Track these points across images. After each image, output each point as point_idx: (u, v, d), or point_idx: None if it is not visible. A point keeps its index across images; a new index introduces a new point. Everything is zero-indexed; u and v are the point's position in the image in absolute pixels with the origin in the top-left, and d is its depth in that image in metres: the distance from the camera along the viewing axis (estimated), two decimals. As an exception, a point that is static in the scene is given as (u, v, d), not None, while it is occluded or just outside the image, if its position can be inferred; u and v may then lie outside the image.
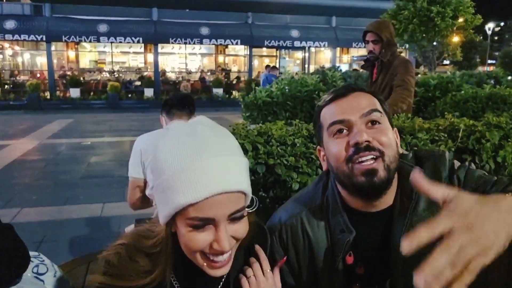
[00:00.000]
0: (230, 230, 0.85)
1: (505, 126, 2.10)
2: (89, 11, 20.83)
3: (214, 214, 0.82)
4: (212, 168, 0.80)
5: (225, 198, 0.81)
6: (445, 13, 11.44)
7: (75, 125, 12.89)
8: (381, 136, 1.01)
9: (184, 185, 0.79)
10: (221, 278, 1.00)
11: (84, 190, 6.01)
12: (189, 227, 0.84)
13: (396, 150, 1.04)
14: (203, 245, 0.85)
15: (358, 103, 1.05)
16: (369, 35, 3.35)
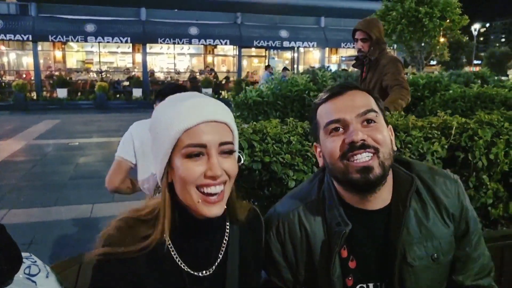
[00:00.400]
0: (222, 163, 0.95)
1: (496, 123, 2.12)
2: (76, 11, 20.62)
3: (206, 140, 0.93)
4: (202, 103, 0.96)
5: (214, 126, 0.95)
6: (432, 13, 11.55)
7: (63, 125, 12.73)
8: (376, 134, 1.04)
9: (178, 117, 0.93)
10: (217, 247, 1.07)
11: (73, 191, 5.94)
12: (185, 158, 0.94)
13: (390, 147, 1.08)
14: (197, 173, 0.93)
15: (353, 102, 1.07)
16: (358, 33, 3.37)
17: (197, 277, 1.03)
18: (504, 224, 2.32)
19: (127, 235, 0.98)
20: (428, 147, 1.94)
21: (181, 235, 1.02)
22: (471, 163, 1.98)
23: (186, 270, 1.02)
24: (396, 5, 12.31)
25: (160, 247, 0.99)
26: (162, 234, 0.98)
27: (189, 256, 1.03)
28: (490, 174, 2.03)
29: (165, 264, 1.01)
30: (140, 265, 0.98)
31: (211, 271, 1.04)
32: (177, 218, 1.01)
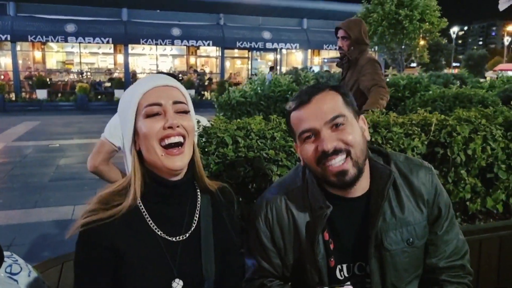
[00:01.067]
0: (177, 119, 1.08)
1: (474, 120, 2.18)
2: (56, 11, 20.27)
3: (161, 98, 1.08)
4: (157, 75, 1.15)
5: (166, 89, 1.10)
6: (412, 16, 11.76)
7: (43, 127, 12.51)
8: (346, 137, 1.11)
9: (138, 85, 1.12)
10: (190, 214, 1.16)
11: (54, 193, 5.84)
12: (146, 118, 1.07)
13: (362, 142, 1.15)
14: (157, 127, 1.06)
15: (321, 109, 1.13)
16: (340, 31, 3.46)
17: (172, 242, 1.11)
18: (482, 218, 2.38)
19: (102, 208, 1.07)
20: (408, 143, 1.98)
21: (153, 200, 1.12)
22: (450, 159, 2.03)
23: (160, 235, 1.10)
24: (377, 8, 12.49)
25: (134, 213, 1.09)
26: (134, 199, 1.08)
27: (163, 221, 1.11)
28: (468, 169, 2.09)
29: (140, 228, 1.09)
30: (117, 230, 1.06)
31: (185, 236, 1.12)
32: (148, 184, 1.11)
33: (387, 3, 12.26)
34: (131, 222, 1.08)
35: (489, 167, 2.17)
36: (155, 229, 1.10)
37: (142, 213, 1.10)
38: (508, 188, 2.17)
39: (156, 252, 1.08)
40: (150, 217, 1.11)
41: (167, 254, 1.09)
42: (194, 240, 1.14)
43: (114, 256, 1.06)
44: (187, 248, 1.12)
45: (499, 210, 2.23)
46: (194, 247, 1.13)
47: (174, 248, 1.11)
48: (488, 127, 2.15)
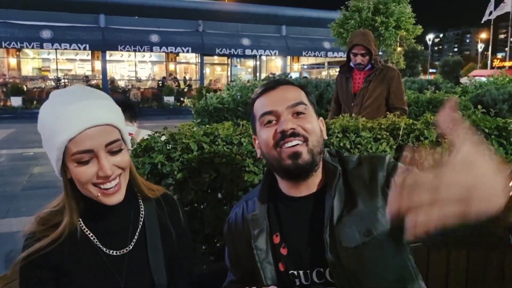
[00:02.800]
0: (112, 161, 1.01)
1: (442, 124, 2.21)
2: (31, 17, 19.91)
3: (91, 145, 0.97)
4: (84, 108, 0.97)
5: (97, 131, 0.98)
6: (388, 23, 11.97)
7: (17, 135, 12.20)
8: (305, 124, 1.13)
9: (61, 126, 0.95)
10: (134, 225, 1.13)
11: (26, 202, 5.68)
12: (75, 163, 0.99)
13: (320, 135, 1.17)
14: (90, 175, 0.99)
15: (285, 96, 1.17)
16: (357, 48, 3.40)
17: (116, 256, 1.09)
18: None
19: (41, 230, 1.05)
20: (377, 147, 1.99)
21: (93, 218, 1.09)
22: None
23: (103, 250, 1.08)
24: (354, 15, 12.66)
25: (76, 231, 1.06)
26: (70, 221, 1.04)
27: (105, 236, 1.09)
28: (436, 173, 2.11)
29: (83, 246, 1.07)
30: (59, 251, 1.03)
31: (129, 248, 1.10)
32: (85, 205, 1.08)
33: (364, 10, 12.45)
34: (73, 241, 1.06)
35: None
36: (98, 245, 1.08)
37: (84, 231, 1.08)
38: (475, 191, 2.20)
39: (101, 269, 1.07)
40: (93, 233, 1.09)
41: (113, 268, 1.08)
42: (140, 249, 1.12)
43: (57, 275, 1.05)
44: (134, 259, 1.11)
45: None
46: (141, 257, 1.11)
47: (119, 261, 1.09)
48: (455, 131, 2.18)
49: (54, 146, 0.98)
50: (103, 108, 1.01)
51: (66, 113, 0.96)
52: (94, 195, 1.02)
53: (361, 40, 3.36)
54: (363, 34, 3.45)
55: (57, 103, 1.00)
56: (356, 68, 3.51)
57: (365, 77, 3.49)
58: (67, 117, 0.96)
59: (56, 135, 0.96)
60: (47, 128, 0.99)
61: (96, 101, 1.00)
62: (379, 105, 3.45)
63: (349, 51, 3.50)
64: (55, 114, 0.97)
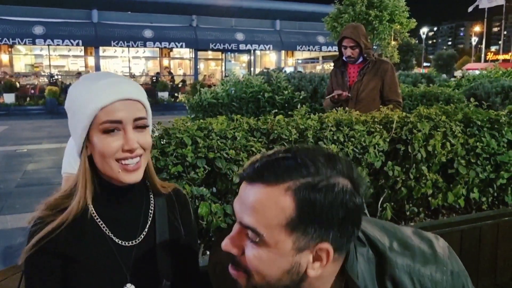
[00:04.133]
0: (137, 137, 1.02)
1: (434, 117, 2.22)
2: (23, 12, 19.74)
3: (121, 116, 1.00)
4: (116, 82, 1.02)
5: (128, 104, 1.01)
6: (382, 16, 11.98)
7: (10, 132, 12.12)
8: (250, 259, 0.80)
9: (94, 96, 0.99)
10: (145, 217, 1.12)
11: (20, 199, 5.66)
12: (103, 134, 1.00)
13: (274, 278, 0.80)
14: (115, 147, 1.00)
15: (246, 205, 0.79)
16: (346, 40, 3.41)
17: (124, 247, 1.08)
18: (445, 213, 2.43)
19: (49, 214, 1.03)
20: (370, 140, 2.00)
21: (104, 204, 1.08)
22: (411, 155, 2.06)
23: (113, 239, 1.07)
24: (348, 8, 12.66)
25: (86, 217, 1.04)
26: (82, 203, 1.03)
27: (116, 225, 1.08)
28: (429, 165, 2.13)
29: (92, 233, 1.05)
30: (67, 236, 1.02)
31: (139, 240, 1.09)
32: (98, 187, 1.07)
33: (357, 4, 12.44)
34: (82, 227, 1.04)
35: (450, 163, 2.22)
36: (108, 233, 1.07)
37: (94, 217, 1.07)
38: (468, 183, 2.22)
39: (108, 257, 1.06)
40: (103, 221, 1.07)
41: (120, 258, 1.07)
42: (148, 243, 1.11)
43: (64, 262, 1.03)
44: (141, 251, 1.10)
45: (460, 205, 2.28)
46: (149, 250, 1.11)
47: (127, 252, 1.08)
48: (448, 123, 2.20)
49: (85, 115, 0.99)
50: (134, 85, 1.06)
51: (99, 85, 1.01)
52: (115, 171, 1.02)
53: (350, 33, 3.38)
54: (353, 27, 3.47)
55: (88, 80, 1.04)
56: (347, 61, 3.52)
57: (359, 70, 3.51)
58: (101, 88, 1.00)
59: (88, 104, 0.99)
60: (78, 101, 1.01)
61: (126, 80, 1.07)
62: (374, 98, 3.47)
63: (339, 44, 3.51)
64: (87, 88, 1.02)
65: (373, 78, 3.46)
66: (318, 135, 1.97)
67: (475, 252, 2.12)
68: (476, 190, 2.26)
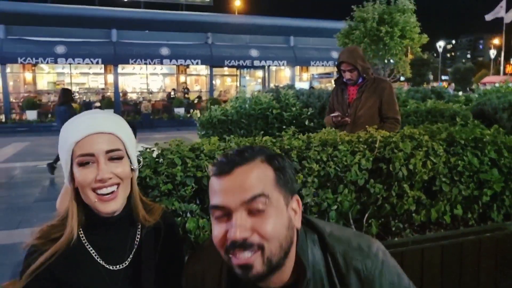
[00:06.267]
0: (111, 167, 1.11)
1: (418, 136, 2.33)
2: (46, 32, 20.52)
3: (93, 149, 1.09)
4: (92, 118, 1.13)
5: (100, 137, 1.11)
6: (393, 32, 12.05)
7: (31, 148, 12.55)
8: (263, 227, 0.92)
9: (71, 131, 1.11)
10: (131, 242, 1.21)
11: (38, 213, 5.90)
12: (79, 166, 1.10)
13: (284, 236, 0.95)
14: (90, 178, 1.10)
15: (240, 186, 0.93)
16: (344, 65, 3.59)
17: (113, 271, 1.17)
18: (433, 229, 2.52)
19: (42, 243, 1.12)
20: (351, 159, 2.12)
21: (93, 231, 1.17)
22: (392, 174, 2.17)
23: (102, 263, 1.16)
24: (359, 25, 12.77)
25: (76, 243, 1.13)
26: (71, 233, 1.12)
27: (104, 251, 1.17)
28: (411, 183, 2.23)
29: (82, 258, 1.15)
30: (59, 262, 1.11)
31: (126, 264, 1.19)
32: (86, 217, 1.16)
33: (368, 21, 12.55)
34: (74, 253, 1.13)
35: (433, 181, 2.32)
36: (97, 258, 1.16)
37: (84, 244, 1.16)
38: (451, 200, 2.31)
39: (98, 281, 1.15)
40: (92, 247, 1.16)
41: (109, 282, 1.16)
42: (135, 267, 1.19)
43: (58, 286, 1.12)
44: (128, 275, 1.18)
45: (446, 221, 2.37)
46: (135, 275, 1.19)
47: (116, 275, 1.17)
48: (430, 142, 2.30)
49: (65, 149, 1.11)
50: (108, 119, 1.15)
51: (76, 122, 1.13)
52: (91, 200, 1.11)
53: (347, 58, 3.54)
54: (349, 52, 3.63)
55: (73, 118, 1.17)
56: (347, 82, 3.67)
57: (358, 89, 3.65)
58: (76, 124, 1.12)
59: (66, 140, 1.11)
60: (62, 137, 1.14)
61: (103, 115, 1.16)
62: (372, 115, 3.59)
63: (338, 67, 3.68)
64: (68, 125, 1.15)
65: (372, 96, 3.60)
66: (304, 155, 2.10)
67: (457, 267, 2.20)
68: (460, 206, 2.34)
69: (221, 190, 0.94)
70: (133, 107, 21.84)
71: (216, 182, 0.96)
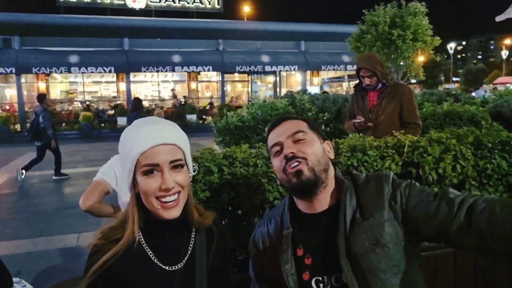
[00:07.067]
0: (174, 177, 1.17)
1: (445, 140, 2.35)
2: (59, 43, 20.87)
3: (158, 160, 1.15)
4: (155, 129, 1.18)
5: (164, 148, 1.17)
6: (405, 35, 12.04)
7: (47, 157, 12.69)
8: (304, 148, 1.31)
9: (136, 142, 1.16)
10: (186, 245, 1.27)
11: (59, 221, 6.01)
12: (143, 175, 1.16)
13: (321, 156, 1.33)
14: (154, 187, 1.16)
15: (286, 128, 1.37)
16: (363, 71, 3.64)
17: (169, 271, 1.22)
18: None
19: (103, 243, 1.19)
20: (382, 164, 2.14)
21: (152, 234, 1.23)
22: (422, 178, 2.19)
23: (159, 264, 1.21)
24: (371, 29, 12.78)
25: (135, 245, 1.19)
26: (133, 235, 1.18)
27: (161, 252, 1.22)
28: (441, 186, 2.25)
29: (141, 259, 1.20)
30: (120, 263, 1.16)
31: (181, 265, 1.24)
32: (146, 220, 1.22)
33: (380, 24, 12.55)
34: (132, 254, 1.18)
35: (462, 184, 2.33)
36: (154, 259, 1.21)
37: (142, 245, 1.21)
38: (480, 203, 2.32)
39: (155, 281, 1.20)
40: (150, 249, 1.21)
41: (166, 282, 1.21)
42: (189, 270, 1.25)
43: (117, 286, 1.17)
44: (183, 276, 1.23)
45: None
46: (189, 277, 1.24)
47: (171, 276, 1.22)
48: (458, 146, 2.32)
49: (129, 159, 1.16)
50: (171, 131, 1.20)
51: (141, 132, 1.17)
52: (155, 207, 1.17)
53: (365, 64, 3.58)
54: (367, 58, 3.67)
55: (134, 127, 1.21)
56: (366, 88, 3.70)
57: (378, 95, 3.68)
58: (142, 135, 1.16)
59: (131, 150, 1.16)
60: (125, 146, 1.18)
61: (165, 126, 1.21)
62: (393, 120, 3.61)
63: (357, 74, 3.72)
64: (131, 134, 1.19)
65: (392, 101, 3.62)
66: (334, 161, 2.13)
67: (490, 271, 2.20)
68: (489, 210, 2.34)
69: (275, 134, 1.38)
70: (145, 114, 21.94)
71: (272, 133, 1.40)
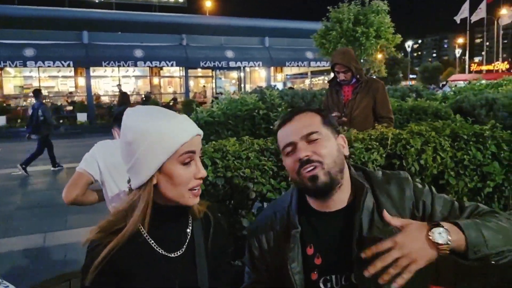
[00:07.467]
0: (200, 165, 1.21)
1: (425, 133, 2.43)
2: (14, 35, 19.91)
3: (195, 147, 1.18)
4: (186, 120, 1.18)
5: (198, 138, 1.20)
6: (368, 33, 12.36)
7: (3, 154, 12.13)
8: (319, 149, 1.26)
9: (176, 131, 1.14)
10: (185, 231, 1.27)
11: (23, 221, 5.74)
12: (181, 164, 1.16)
13: (336, 155, 1.28)
14: (189, 176, 1.17)
15: (299, 126, 1.30)
16: (337, 66, 3.69)
17: (171, 258, 1.22)
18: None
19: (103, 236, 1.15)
20: (368, 156, 2.19)
21: (152, 223, 1.20)
22: (405, 169, 2.26)
23: (161, 252, 1.21)
24: (335, 26, 13.02)
25: (136, 235, 1.17)
26: (136, 225, 1.16)
27: (161, 239, 1.22)
28: (422, 177, 2.33)
29: (142, 248, 1.19)
30: (121, 254, 1.14)
31: (182, 251, 1.24)
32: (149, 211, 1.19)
33: (344, 22, 12.81)
34: (133, 243, 1.16)
35: (441, 174, 2.42)
36: (155, 247, 1.20)
37: (143, 234, 1.19)
38: (458, 192, 2.42)
39: (159, 268, 1.19)
40: (151, 237, 1.21)
41: (169, 269, 1.20)
42: (189, 255, 1.24)
43: (120, 278, 1.15)
44: (185, 262, 1.23)
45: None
46: (190, 262, 1.24)
47: (174, 263, 1.21)
48: (437, 139, 2.41)
49: (164, 149, 1.12)
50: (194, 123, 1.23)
51: (174, 124, 1.15)
52: (186, 197, 1.18)
53: (340, 59, 3.66)
54: (342, 53, 3.75)
55: (155, 119, 1.15)
56: (341, 83, 3.77)
57: (353, 90, 3.75)
58: (179, 125, 1.15)
59: (168, 140, 1.12)
60: (153, 137, 1.12)
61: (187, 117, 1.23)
62: (367, 115, 3.70)
63: (332, 69, 3.78)
64: (160, 126, 1.13)
65: (366, 96, 3.70)
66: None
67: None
68: (466, 198, 2.45)
69: (288, 132, 1.31)
70: (106, 110, 21.40)
71: (282, 129, 1.34)
